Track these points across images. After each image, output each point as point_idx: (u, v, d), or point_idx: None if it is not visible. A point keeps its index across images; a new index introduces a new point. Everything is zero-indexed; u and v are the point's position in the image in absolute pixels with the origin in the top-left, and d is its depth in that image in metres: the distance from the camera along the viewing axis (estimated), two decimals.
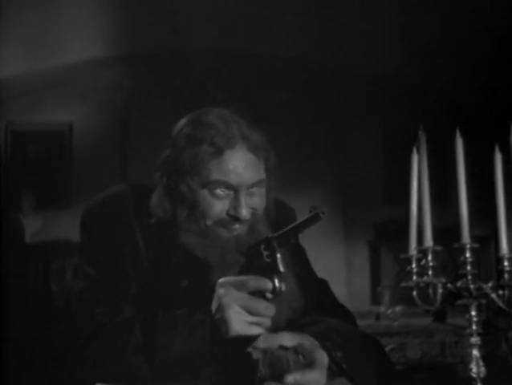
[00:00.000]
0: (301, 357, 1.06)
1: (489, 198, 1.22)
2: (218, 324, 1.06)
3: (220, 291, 1.08)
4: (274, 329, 1.11)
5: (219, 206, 1.21)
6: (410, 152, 1.21)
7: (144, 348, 1.09)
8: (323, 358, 1.09)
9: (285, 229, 1.11)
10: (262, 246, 1.10)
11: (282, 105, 6.53)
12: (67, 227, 1.30)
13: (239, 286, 1.07)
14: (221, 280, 1.10)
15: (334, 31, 5.76)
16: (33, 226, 5.82)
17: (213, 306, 1.08)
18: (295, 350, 1.06)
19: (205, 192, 1.21)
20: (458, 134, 1.17)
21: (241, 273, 1.13)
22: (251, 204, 1.23)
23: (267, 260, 1.09)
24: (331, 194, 6.67)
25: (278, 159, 1.31)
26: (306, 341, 1.10)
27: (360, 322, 1.45)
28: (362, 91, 6.62)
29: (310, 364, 1.07)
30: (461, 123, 1.26)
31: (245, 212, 1.20)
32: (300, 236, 1.16)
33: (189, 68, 6.02)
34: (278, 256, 1.08)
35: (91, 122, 6.55)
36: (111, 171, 6.33)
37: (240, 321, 1.05)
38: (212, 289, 1.10)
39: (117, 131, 6.57)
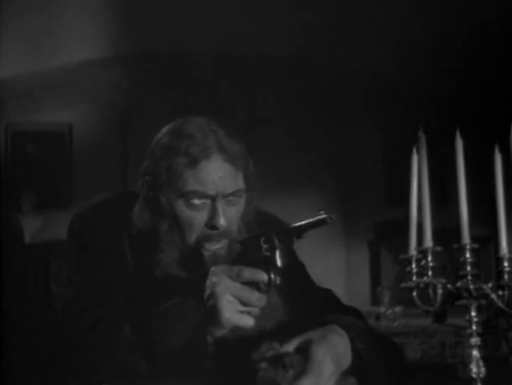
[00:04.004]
0: (290, 369, 1.05)
1: (489, 198, 1.22)
2: (210, 311, 1.06)
3: (213, 279, 1.08)
4: (259, 334, 1.12)
5: (197, 218, 1.20)
6: (410, 152, 1.21)
7: (137, 344, 1.09)
8: (323, 362, 1.06)
9: (289, 226, 1.11)
10: (262, 239, 1.10)
11: (282, 105, 6.53)
12: (67, 227, 1.29)
13: (233, 276, 1.07)
14: (214, 267, 1.10)
15: (334, 32, 5.76)
16: (33, 226, 5.82)
17: (205, 293, 1.08)
18: (284, 364, 1.05)
19: (181, 203, 1.20)
20: (458, 134, 1.17)
21: (236, 261, 1.13)
22: (229, 214, 1.21)
23: (266, 253, 1.09)
24: (331, 194, 6.67)
25: (278, 159, 1.30)
26: (313, 338, 1.09)
27: None
28: (362, 91, 6.62)
29: (301, 372, 1.05)
30: (461, 123, 1.26)
31: (222, 221, 1.19)
32: (304, 235, 1.16)
33: (189, 68, 6.02)
34: (278, 252, 1.08)
35: (91, 122, 6.55)
36: (111, 171, 6.34)
37: (231, 310, 1.06)
38: (204, 277, 1.10)
39: (117, 132, 6.57)
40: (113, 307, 1.18)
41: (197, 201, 1.19)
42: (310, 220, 1.09)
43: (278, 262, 1.08)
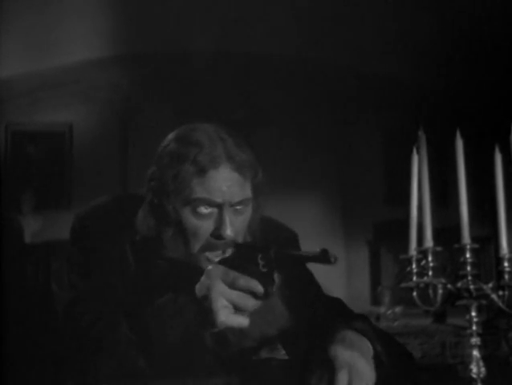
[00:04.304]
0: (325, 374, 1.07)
1: (489, 198, 1.22)
2: (204, 311, 1.05)
3: (207, 281, 1.06)
4: (261, 337, 1.12)
5: (203, 227, 1.19)
6: (410, 152, 1.21)
7: (136, 341, 1.08)
8: (343, 350, 1.07)
9: (291, 251, 1.10)
10: (260, 256, 1.07)
11: (282, 105, 6.53)
12: (67, 227, 1.29)
13: (228, 282, 1.05)
14: (209, 267, 1.09)
15: (334, 31, 5.76)
16: (33, 226, 5.82)
17: (200, 292, 1.07)
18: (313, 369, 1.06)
19: (187, 211, 1.19)
20: (458, 134, 1.17)
21: (230, 261, 1.11)
22: (236, 223, 1.20)
23: (263, 270, 1.06)
24: (331, 194, 6.67)
25: (278, 159, 1.30)
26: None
27: None
28: (362, 91, 6.62)
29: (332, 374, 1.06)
30: (461, 123, 1.26)
31: (229, 232, 1.18)
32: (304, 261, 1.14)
33: (189, 69, 6.02)
34: (276, 274, 1.06)
35: (91, 122, 6.55)
36: (111, 171, 6.34)
37: (226, 313, 1.05)
38: (198, 274, 1.09)
39: (117, 132, 6.57)
40: (112, 308, 1.18)
41: (203, 210, 1.18)
42: (314, 253, 1.07)
43: (276, 280, 1.06)
